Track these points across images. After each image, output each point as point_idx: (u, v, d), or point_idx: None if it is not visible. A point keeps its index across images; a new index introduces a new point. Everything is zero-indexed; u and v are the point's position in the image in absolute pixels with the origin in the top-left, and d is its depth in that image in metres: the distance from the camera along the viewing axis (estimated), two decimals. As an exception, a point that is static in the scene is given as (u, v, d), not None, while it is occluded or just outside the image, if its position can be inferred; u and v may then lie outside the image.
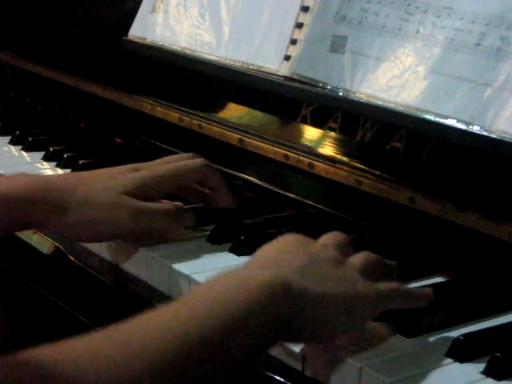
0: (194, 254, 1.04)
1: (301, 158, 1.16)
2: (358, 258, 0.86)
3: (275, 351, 0.85)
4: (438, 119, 1.01)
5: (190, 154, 1.14)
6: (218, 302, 0.75)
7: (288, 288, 0.76)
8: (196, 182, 1.11)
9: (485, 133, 0.96)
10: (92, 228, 1.03)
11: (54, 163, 1.38)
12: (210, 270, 0.99)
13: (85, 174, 1.10)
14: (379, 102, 1.07)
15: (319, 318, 0.78)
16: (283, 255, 0.82)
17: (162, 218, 1.05)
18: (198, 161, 1.10)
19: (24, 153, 1.45)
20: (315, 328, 0.78)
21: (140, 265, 1.05)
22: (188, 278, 0.98)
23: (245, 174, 1.27)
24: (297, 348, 0.84)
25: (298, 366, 0.85)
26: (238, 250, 1.04)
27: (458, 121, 0.99)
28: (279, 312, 0.76)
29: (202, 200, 1.13)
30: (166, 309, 0.75)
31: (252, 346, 0.75)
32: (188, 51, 1.34)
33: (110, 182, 1.05)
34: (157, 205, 1.06)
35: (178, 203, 1.10)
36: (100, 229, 1.03)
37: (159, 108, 1.40)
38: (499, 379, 0.79)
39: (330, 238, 0.88)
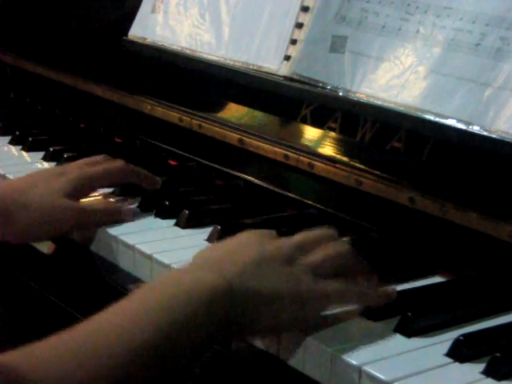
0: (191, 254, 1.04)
1: (301, 158, 1.16)
2: (314, 256, 0.88)
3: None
4: (437, 119, 1.01)
5: (104, 155, 1.23)
6: (162, 306, 0.78)
7: (228, 291, 0.80)
8: (119, 179, 1.21)
9: (485, 133, 0.96)
10: (36, 230, 1.11)
11: (54, 163, 1.37)
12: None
13: (20, 180, 1.17)
14: (379, 102, 1.07)
15: (264, 315, 0.82)
16: (229, 256, 0.85)
17: (101, 214, 1.14)
18: (119, 163, 1.20)
19: (24, 153, 1.45)
20: (261, 325, 0.82)
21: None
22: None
23: (245, 174, 1.27)
24: None
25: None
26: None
27: (458, 121, 0.99)
28: (221, 313, 0.79)
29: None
30: (114, 311, 0.78)
31: (197, 345, 0.78)
32: (188, 51, 1.34)
33: (47, 186, 1.12)
34: (96, 203, 1.17)
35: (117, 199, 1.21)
36: (44, 230, 1.11)
37: (159, 108, 1.40)
38: (499, 379, 0.79)
39: (298, 236, 0.91)
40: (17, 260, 1.24)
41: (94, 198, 1.20)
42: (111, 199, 1.22)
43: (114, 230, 1.11)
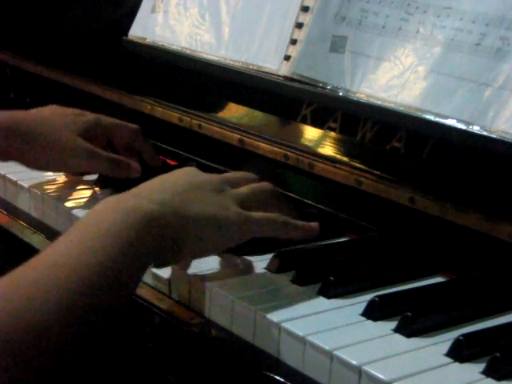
0: None
1: (301, 158, 1.16)
2: (241, 189, 0.98)
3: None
4: (437, 119, 1.01)
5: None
6: (105, 232, 0.84)
7: (161, 215, 0.87)
8: (129, 139, 1.31)
9: (485, 133, 0.96)
10: (50, 159, 1.22)
11: (54, 163, 1.38)
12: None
13: (40, 112, 1.27)
14: (379, 102, 1.07)
15: (193, 237, 0.90)
16: (161, 185, 0.93)
17: (106, 164, 1.23)
18: (135, 125, 1.32)
19: (24, 153, 1.45)
20: (191, 246, 0.90)
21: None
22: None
23: (245, 173, 1.27)
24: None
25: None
26: (238, 251, 1.04)
27: (458, 121, 0.99)
28: (157, 235, 0.86)
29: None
30: (60, 242, 0.84)
31: (138, 265, 0.85)
32: (188, 51, 1.34)
33: (64, 121, 1.24)
34: (105, 153, 1.24)
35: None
36: (57, 161, 1.22)
37: (159, 108, 1.40)
38: (499, 379, 0.79)
39: (226, 173, 1.02)
40: (17, 260, 1.24)
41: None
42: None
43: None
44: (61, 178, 1.31)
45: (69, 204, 1.20)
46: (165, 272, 0.99)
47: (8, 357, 0.74)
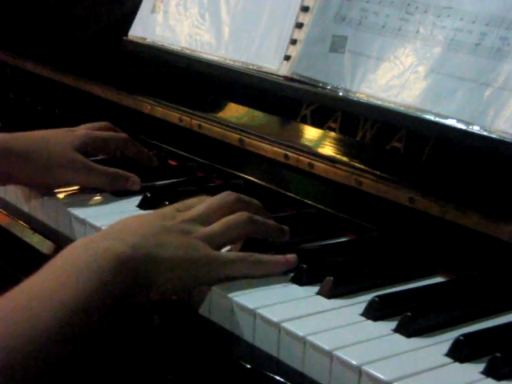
0: None
1: (301, 158, 1.16)
2: (211, 228, 0.97)
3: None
4: (437, 119, 1.01)
5: (109, 123, 1.34)
6: (74, 276, 0.86)
7: (132, 257, 0.89)
8: (121, 149, 1.31)
9: (485, 133, 0.96)
10: (50, 176, 1.20)
11: (54, 163, 1.38)
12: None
13: (37, 132, 1.26)
14: (379, 102, 1.07)
15: (166, 278, 0.91)
16: (132, 228, 0.95)
17: (104, 178, 1.22)
18: (123, 134, 1.32)
19: (24, 153, 1.45)
20: (165, 286, 0.92)
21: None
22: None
23: (245, 174, 1.27)
24: None
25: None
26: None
27: (458, 121, 0.99)
28: (128, 277, 0.88)
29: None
30: (34, 280, 0.87)
31: (108, 306, 0.87)
32: (188, 51, 1.34)
33: (59, 138, 1.23)
34: (103, 167, 1.23)
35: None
36: (55, 177, 1.21)
37: (159, 108, 1.40)
38: (499, 379, 0.79)
39: (198, 208, 1.01)
40: (17, 260, 1.24)
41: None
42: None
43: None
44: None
45: (69, 204, 1.20)
46: None
47: None
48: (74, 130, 1.28)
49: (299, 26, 1.20)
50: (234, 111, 1.29)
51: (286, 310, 0.90)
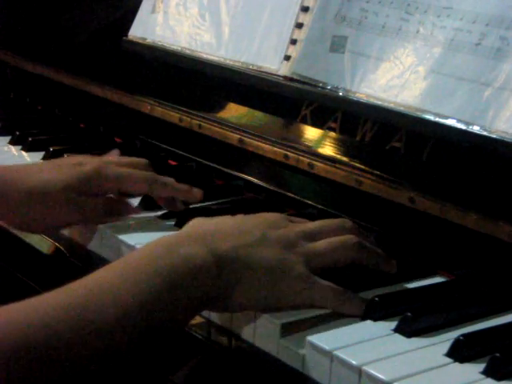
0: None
1: (301, 158, 1.16)
2: (318, 245, 0.90)
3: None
4: (437, 119, 1.01)
5: (140, 160, 1.17)
6: (150, 275, 0.81)
7: (215, 268, 0.83)
8: (141, 191, 1.14)
9: (485, 133, 0.96)
10: (35, 219, 1.07)
11: (54, 163, 1.37)
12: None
13: (31, 165, 1.14)
14: (379, 102, 1.07)
15: (243, 293, 0.85)
16: (229, 232, 0.88)
17: (102, 215, 1.10)
18: (148, 174, 1.12)
19: (24, 153, 1.45)
20: (238, 301, 0.85)
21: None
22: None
23: (245, 174, 1.27)
24: None
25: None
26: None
27: (458, 121, 0.99)
28: (203, 289, 0.83)
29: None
30: (107, 273, 0.82)
31: (177, 312, 0.82)
32: (188, 51, 1.34)
33: (54, 174, 1.07)
34: (98, 201, 1.10)
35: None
36: (45, 221, 1.08)
37: (159, 108, 1.39)
38: (499, 379, 0.79)
39: (309, 224, 0.94)
40: (17, 260, 1.24)
41: None
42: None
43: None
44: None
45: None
46: None
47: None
48: (85, 163, 1.10)
49: (299, 26, 1.20)
50: (233, 111, 1.29)
51: (285, 311, 0.90)
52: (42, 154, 1.41)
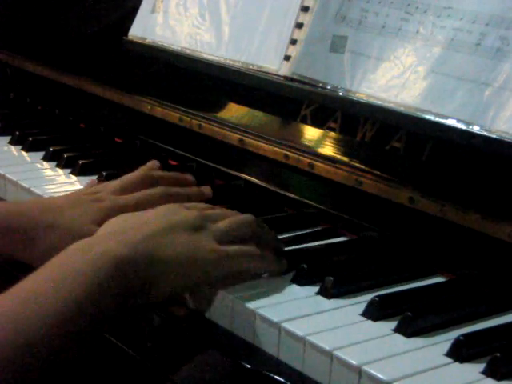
0: None
1: (301, 158, 1.16)
2: (222, 224, 0.97)
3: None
4: (437, 119, 1.01)
5: (148, 174, 1.16)
6: (71, 278, 0.85)
7: (132, 259, 0.87)
8: None
9: (485, 133, 0.96)
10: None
11: (54, 163, 1.38)
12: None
13: (52, 200, 1.13)
14: (379, 102, 1.07)
15: (166, 280, 0.90)
16: (137, 226, 0.93)
17: None
18: (158, 190, 1.11)
19: (24, 153, 1.45)
20: (166, 288, 0.90)
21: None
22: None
23: (245, 173, 1.27)
24: None
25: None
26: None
27: (458, 121, 0.99)
28: (125, 281, 0.86)
29: None
30: (28, 282, 0.86)
31: (104, 310, 0.86)
32: (188, 51, 1.34)
33: (79, 209, 1.06)
34: None
35: None
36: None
37: (159, 108, 1.40)
38: (499, 379, 0.79)
39: (208, 210, 1.01)
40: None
41: None
42: None
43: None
44: (61, 177, 1.31)
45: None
46: None
47: None
48: (102, 199, 1.09)
49: (299, 26, 1.20)
50: (233, 111, 1.29)
51: (286, 309, 0.90)
52: (42, 153, 1.41)
